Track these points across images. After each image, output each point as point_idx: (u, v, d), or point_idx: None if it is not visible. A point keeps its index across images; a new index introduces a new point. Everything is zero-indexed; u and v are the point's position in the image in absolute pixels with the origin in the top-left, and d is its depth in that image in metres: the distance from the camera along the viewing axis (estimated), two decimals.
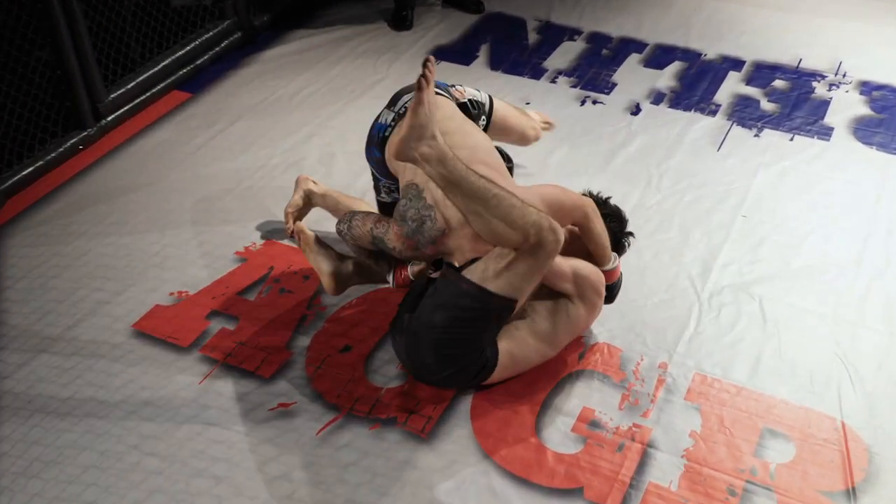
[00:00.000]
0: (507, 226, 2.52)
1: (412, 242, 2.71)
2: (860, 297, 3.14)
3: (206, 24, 4.63)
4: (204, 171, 3.83)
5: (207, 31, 4.61)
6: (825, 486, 2.51)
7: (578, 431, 2.66)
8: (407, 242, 2.72)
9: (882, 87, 4.37)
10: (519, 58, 4.69)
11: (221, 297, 3.15)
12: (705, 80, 4.47)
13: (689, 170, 3.81)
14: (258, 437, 2.65)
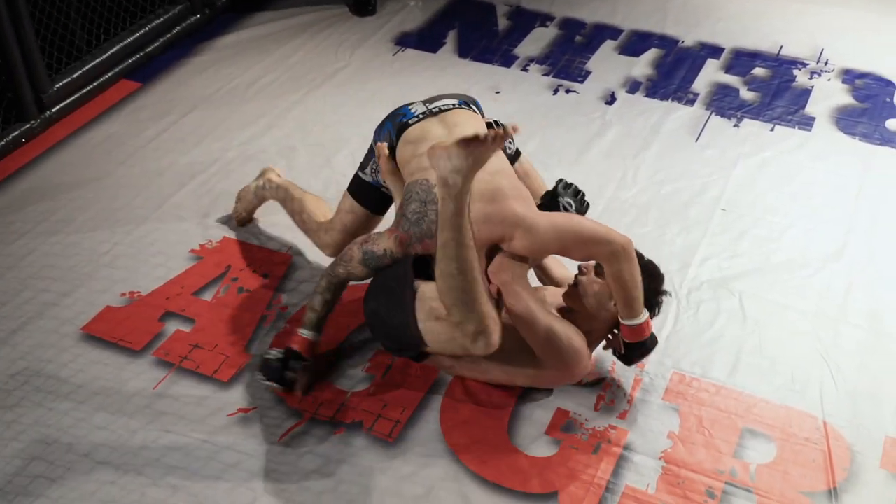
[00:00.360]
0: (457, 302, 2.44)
1: (406, 238, 2.72)
2: (842, 292, 3.23)
3: (156, 10, 4.63)
4: (155, 165, 3.84)
5: (158, 16, 4.61)
6: (807, 487, 2.58)
7: (552, 434, 2.72)
8: (405, 240, 2.72)
9: (865, 76, 4.48)
10: (489, 45, 4.74)
11: (176, 297, 3.16)
12: (683, 67, 4.55)
13: (666, 161, 3.88)
14: (217, 444, 2.67)
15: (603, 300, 2.65)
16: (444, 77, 4.43)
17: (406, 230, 2.72)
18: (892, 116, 4.19)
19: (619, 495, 2.55)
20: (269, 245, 3.40)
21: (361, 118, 4.09)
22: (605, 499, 2.54)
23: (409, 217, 2.73)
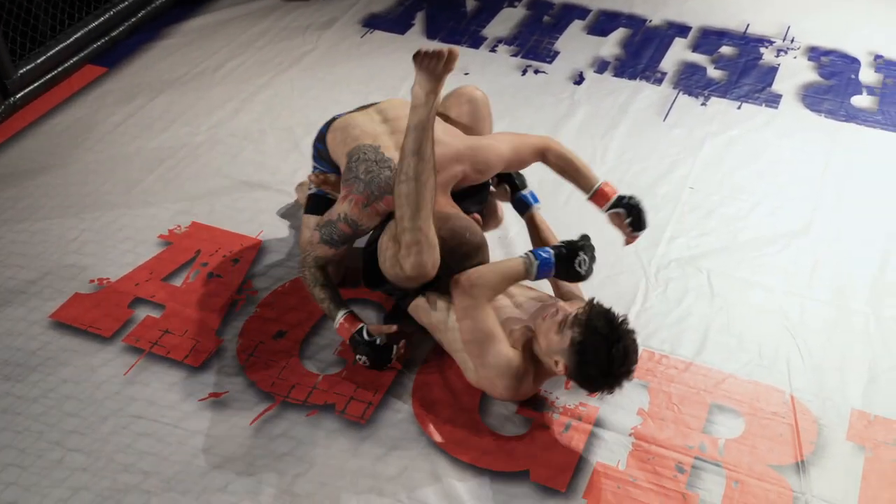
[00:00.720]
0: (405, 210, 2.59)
1: (365, 197, 2.75)
2: (808, 268, 3.26)
3: None
4: (123, 150, 3.81)
5: (123, 0, 4.56)
6: (774, 460, 2.62)
7: (524, 413, 2.74)
8: (361, 201, 2.76)
9: (830, 53, 4.51)
10: (457, 26, 4.74)
11: (145, 283, 3.15)
12: (650, 47, 4.57)
13: (634, 141, 3.90)
14: (188, 428, 2.67)
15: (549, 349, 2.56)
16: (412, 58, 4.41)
17: (361, 190, 2.77)
18: (857, 93, 4.23)
19: (590, 472, 2.58)
20: (239, 229, 3.39)
21: (329, 101, 4.09)
22: (576, 476, 2.57)
23: (361, 178, 2.78)
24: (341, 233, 2.83)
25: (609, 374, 2.48)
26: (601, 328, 2.47)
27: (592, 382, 2.53)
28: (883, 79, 4.33)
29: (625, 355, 2.48)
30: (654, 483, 2.55)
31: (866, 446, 2.66)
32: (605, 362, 2.46)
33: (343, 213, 2.80)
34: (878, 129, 3.99)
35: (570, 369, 2.53)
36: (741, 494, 2.53)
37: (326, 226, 2.85)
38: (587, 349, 2.46)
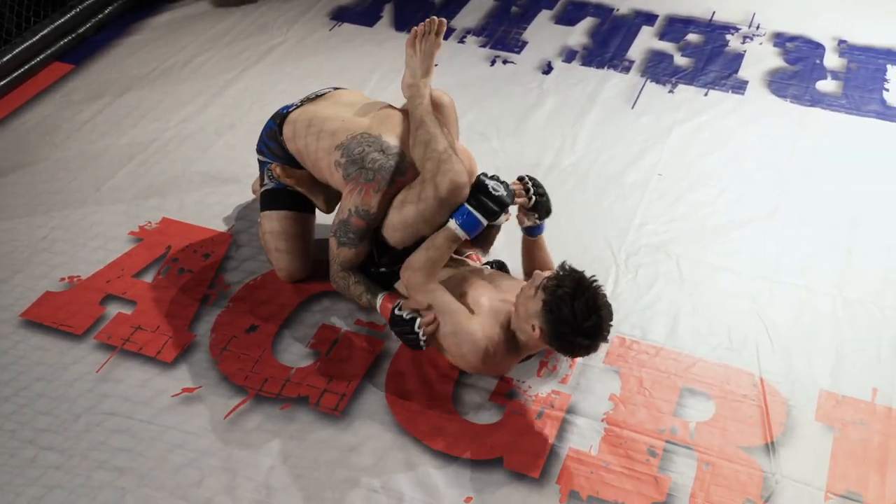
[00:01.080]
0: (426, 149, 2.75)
1: (372, 185, 2.77)
2: (776, 252, 3.30)
3: None
4: (91, 147, 3.79)
5: None
6: (745, 442, 2.65)
7: (497, 401, 2.75)
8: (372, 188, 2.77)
9: (795, 38, 4.55)
10: (425, 17, 4.68)
11: (117, 280, 3.14)
12: (618, 35, 4.59)
13: (603, 129, 3.92)
14: (162, 424, 2.67)
15: (527, 315, 2.59)
16: (381, 51, 4.42)
17: (371, 178, 2.77)
18: (822, 78, 4.27)
19: (564, 458, 2.60)
20: (210, 224, 3.38)
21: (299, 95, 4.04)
22: (549, 462, 2.59)
23: (369, 167, 2.78)
24: (356, 228, 2.81)
25: (579, 329, 2.50)
26: (567, 285, 2.52)
27: (566, 340, 2.54)
28: (847, 63, 4.37)
29: (589, 310, 2.49)
30: (627, 467, 2.58)
31: (835, 426, 2.70)
32: (572, 318, 2.49)
33: (354, 207, 2.80)
34: (842, 114, 4.03)
35: (546, 331, 2.55)
36: (712, 476, 2.56)
37: (340, 227, 2.84)
38: (556, 307, 2.50)
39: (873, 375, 2.84)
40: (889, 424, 2.70)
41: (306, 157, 2.98)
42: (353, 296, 2.91)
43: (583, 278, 2.55)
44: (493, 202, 2.71)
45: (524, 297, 2.62)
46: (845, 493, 2.52)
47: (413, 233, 2.78)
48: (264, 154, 3.11)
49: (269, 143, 3.08)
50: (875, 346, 2.94)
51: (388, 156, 2.80)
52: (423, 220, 2.75)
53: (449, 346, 2.69)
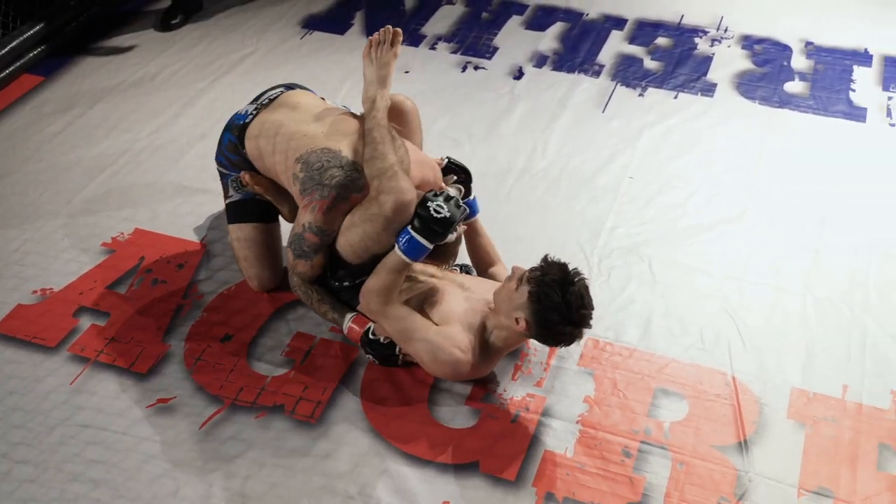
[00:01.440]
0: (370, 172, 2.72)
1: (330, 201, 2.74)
2: (746, 252, 3.33)
3: (57, 1, 4.53)
4: (62, 159, 3.78)
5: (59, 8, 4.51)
6: (718, 441, 2.67)
7: (472, 405, 2.76)
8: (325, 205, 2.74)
9: (763, 41, 4.60)
10: (396, 24, 4.63)
11: (90, 291, 3.13)
12: (588, 40, 4.62)
13: (574, 133, 3.94)
14: (137, 435, 2.66)
15: (509, 309, 2.62)
16: (352, 58, 4.42)
17: (326, 195, 2.74)
18: (790, 79, 4.31)
19: (539, 460, 2.61)
20: (182, 234, 3.37)
21: None
22: (525, 465, 2.60)
23: (325, 182, 2.75)
24: (310, 243, 2.79)
25: (569, 317, 2.55)
26: (555, 275, 2.56)
27: (554, 329, 2.57)
28: (814, 65, 4.42)
29: (580, 297, 2.56)
30: (602, 468, 2.59)
31: (806, 423, 2.73)
32: (562, 305, 2.53)
33: (307, 223, 2.77)
34: (810, 114, 4.08)
35: (532, 321, 2.57)
36: (686, 475, 2.58)
37: (295, 241, 2.82)
38: (544, 295, 2.54)
39: (843, 372, 2.88)
40: (859, 420, 2.73)
41: (270, 171, 2.96)
42: (318, 311, 2.91)
43: (567, 267, 2.60)
44: (436, 224, 2.64)
45: (505, 292, 2.65)
46: (817, 489, 2.55)
47: (363, 251, 2.75)
48: (225, 166, 3.09)
49: (231, 156, 3.04)
50: (844, 344, 2.97)
51: (347, 172, 2.75)
52: (371, 239, 2.72)
53: (428, 365, 2.69)
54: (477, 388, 2.81)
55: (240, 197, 3.08)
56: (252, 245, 3.06)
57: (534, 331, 2.60)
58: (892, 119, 4.05)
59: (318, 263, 2.84)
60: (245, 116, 3.01)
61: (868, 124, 4.03)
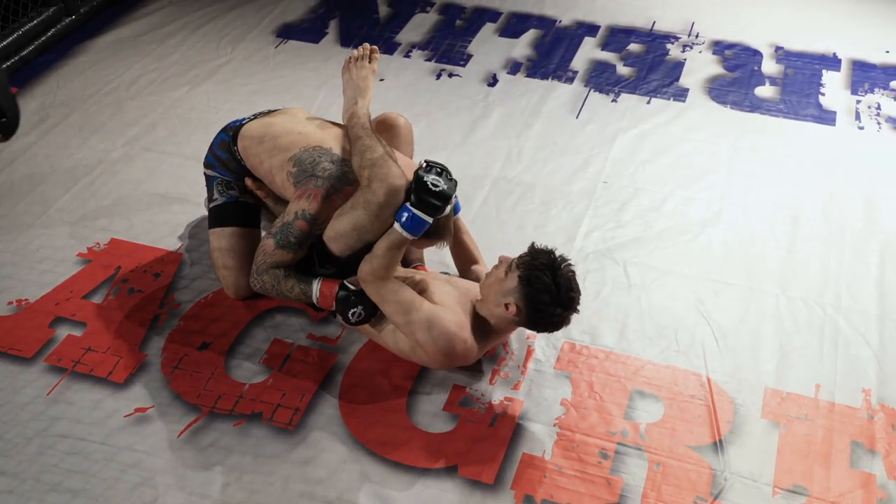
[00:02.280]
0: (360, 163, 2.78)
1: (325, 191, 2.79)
2: (720, 254, 3.36)
3: (29, 12, 4.52)
4: (37, 170, 3.76)
5: (32, 19, 4.49)
6: (694, 441, 2.70)
7: (450, 410, 2.77)
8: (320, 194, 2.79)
9: (733, 46, 4.65)
10: (370, 32, 4.77)
11: (66, 302, 3.12)
12: (561, 46, 4.65)
13: (548, 139, 3.97)
14: (115, 445, 2.66)
15: (499, 295, 2.69)
16: (327, 67, 4.44)
17: (320, 185, 2.79)
18: (761, 84, 4.36)
19: (517, 463, 2.63)
20: (159, 244, 3.36)
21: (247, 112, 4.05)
22: (503, 468, 2.61)
23: (319, 175, 2.80)
24: (299, 231, 2.81)
25: (558, 299, 2.63)
26: (544, 259, 2.66)
27: (545, 311, 2.64)
28: (784, 69, 4.48)
29: (569, 279, 2.66)
30: (579, 470, 2.61)
31: (780, 422, 2.76)
32: (552, 287, 2.62)
33: (301, 210, 2.80)
34: (780, 118, 4.13)
35: (522, 305, 2.65)
36: (663, 476, 2.60)
37: (282, 230, 2.83)
38: (535, 278, 2.62)
39: (816, 371, 2.91)
40: (832, 418, 2.76)
41: (260, 171, 3.00)
42: (283, 289, 2.86)
43: (555, 253, 2.69)
44: (434, 198, 2.70)
45: (493, 280, 2.72)
46: (792, 487, 2.58)
47: (353, 240, 2.78)
48: (214, 167, 3.12)
49: (221, 154, 3.09)
50: (817, 343, 3.01)
51: (338, 165, 2.83)
52: (361, 227, 2.75)
53: (423, 341, 2.69)
54: (455, 392, 2.82)
55: (223, 200, 3.09)
56: (231, 251, 3.06)
57: (524, 315, 2.66)
58: (861, 122, 4.11)
59: (300, 258, 2.87)
60: (242, 120, 3.12)
61: (837, 127, 4.08)
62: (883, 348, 3.00)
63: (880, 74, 4.45)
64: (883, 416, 2.78)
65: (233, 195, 3.09)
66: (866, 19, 4.93)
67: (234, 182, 3.12)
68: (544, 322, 2.70)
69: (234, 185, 3.12)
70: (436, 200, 2.70)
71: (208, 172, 3.15)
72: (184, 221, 3.45)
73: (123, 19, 4.85)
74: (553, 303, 2.63)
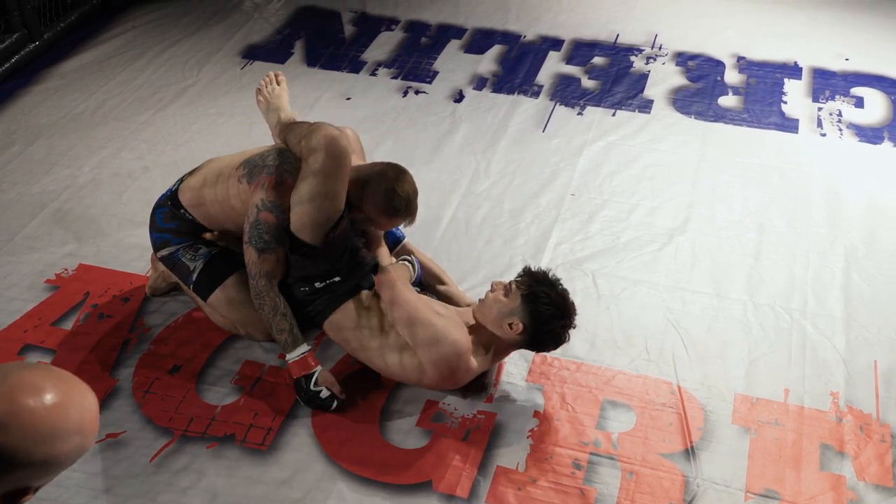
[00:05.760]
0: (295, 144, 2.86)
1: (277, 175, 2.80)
2: (688, 263, 3.40)
3: None
4: (3, 197, 3.74)
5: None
6: (666, 449, 2.72)
7: (423, 425, 2.78)
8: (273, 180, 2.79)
9: (696, 57, 4.71)
10: (336, 52, 4.79)
11: (35, 329, 3.10)
12: (526, 61, 4.70)
13: (515, 153, 4.00)
14: (87, 470, 2.64)
15: (501, 315, 2.74)
16: (293, 87, 4.40)
17: (272, 171, 2.81)
18: (724, 94, 4.43)
19: (492, 476, 2.64)
20: (127, 268, 3.36)
21: (214, 134, 4.10)
22: (477, 482, 2.62)
23: (269, 163, 2.83)
24: (267, 225, 2.77)
25: (564, 311, 2.75)
26: (542, 277, 2.79)
27: (550, 324, 2.73)
28: (746, 79, 4.54)
29: (566, 295, 2.79)
30: (553, 482, 2.63)
31: (751, 428, 2.79)
32: (558, 298, 2.74)
33: (260, 201, 2.77)
34: (744, 127, 4.19)
35: (528, 321, 2.72)
36: (636, 484, 2.62)
37: (252, 231, 2.79)
38: (541, 293, 2.72)
39: (784, 376, 2.95)
40: (801, 422, 2.80)
41: (213, 209, 2.94)
42: (274, 329, 2.84)
43: (549, 273, 2.82)
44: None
45: (491, 303, 2.79)
46: (764, 491, 2.61)
47: (319, 214, 2.75)
48: (169, 242, 3.02)
49: (170, 226, 3.00)
50: (785, 348, 3.04)
51: (284, 156, 2.86)
52: (320, 194, 2.73)
53: (425, 353, 2.72)
54: (428, 409, 2.83)
55: (203, 262, 2.98)
56: (238, 304, 2.96)
57: (529, 332, 2.73)
58: (823, 129, 4.17)
59: (282, 255, 2.82)
60: (171, 189, 3.07)
61: (800, 135, 4.14)
62: (850, 351, 3.04)
63: (840, 82, 4.53)
64: (851, 419, 2.81)
65: (205, 252, 3.00)
66: (826, 28, 5.02)
67: (195, 242, 3.02)
68: (549, 336, 2.77)
69: (198, 244, 3.02)
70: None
71: (165, 253, 3.03)
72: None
73: (87, 44, 4.84)
74: (558, 316, 2.73)
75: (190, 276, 2.99)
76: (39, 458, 1.39)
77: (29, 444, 1.36)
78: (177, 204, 2.99)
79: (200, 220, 2.98)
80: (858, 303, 3.24)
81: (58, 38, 4.82)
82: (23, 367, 1.45)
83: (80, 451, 1.46)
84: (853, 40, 4.89)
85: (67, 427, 1.41)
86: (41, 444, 1.38)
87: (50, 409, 1.38)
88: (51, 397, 1.39)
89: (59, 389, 1.41)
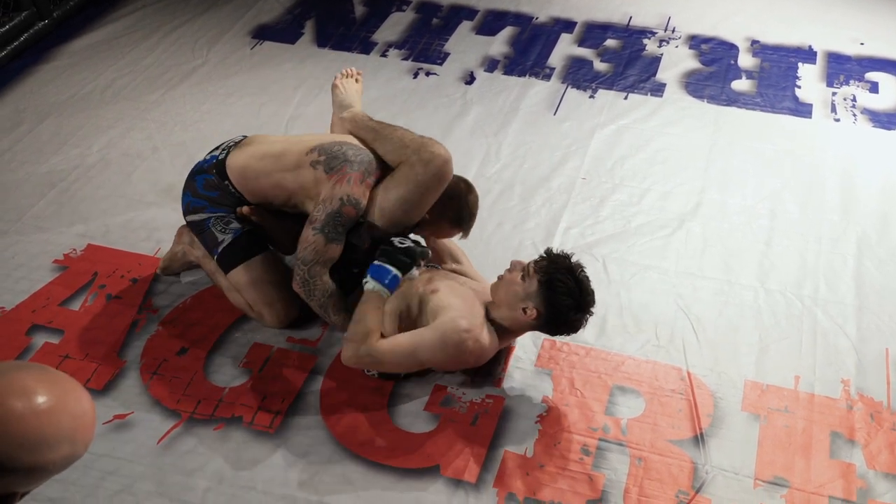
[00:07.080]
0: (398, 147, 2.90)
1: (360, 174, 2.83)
2: (699, 248, 3.38)
3: (1, 17, 4.49)
4: (11, 176, 3.74)
5: (3, 24, 4.47)
6: (675, 436, 2.71)
7: (431, 410, 2.77)
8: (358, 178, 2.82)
9: (710, 40, 4.67)
10: (347, 32, 4.76)
11: (42, 309, 3.10)
12: (538, 43, 4.66)
13: (526, 136, 3.98)
14: (94, 452, 2.63)
15: (516, 299, 2.70)
16: (303, 68, 4.43)
17: (356, 169, 2.82)
18: (737, 78, 4.38)
19: (499, 462, 2.63)
20: (136, 248, 3.35)
21: (224, 114, 4.08)
22: (485, 467, 2.61)
23: (353, 159, 2.84)
24: (346, 219, 2.80)
25: (581, 300, 2.68)
26: (564, 263, 2.71)
27: (567, 313, 2.68)
28: (760, 63, 4.50)
29: (587, 282, 2.72)
30: (562, 467, 2.62)
31: (760, 414, 2.77)
32: (575, 288, 2.67)
33: (346, 195, 2.79)
34: (757, 111, 4.15)
35: (543, 307, 2.67)
36: (645, 471, 2.61)
37: (329, 221, 2.78)
38: (557, 281, 2.66)
39: (795, 363, 2.93)
40: (811, 410, 2.78)
41: (265, 186, 2.91)
42: (327, 309, 2.86)
43: (571, 258, 2.74)
44: (402, 254, 2.80)
45: (507, 283, 2.74)
46: (773, 478, 2.59)
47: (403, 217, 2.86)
48: (204, 209, 2.98)
49: (210, 194, 2.96)
50: (796, 335, 3.02)
51: (364, 152, 2.89)
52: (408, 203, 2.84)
53: (442, 361, 2.73)
54: (436, 392, 2.82)
55: (232, 236, 2.96)
56: (270, 286, 2.97)
57: (544, 318, 2.69)
58: (837, 114, 4.13)
59: (341, 248, 2.87)
60: (211, 159, 3.00)
61: (814, 120, 4.10)
62: (861, 339, 3.02)
63: (855, 66, 4.48)
64: (862, 407, 2.80)
65: (236, 228, 2.97)
66: (841, 11, 4.97)
67: (228, 216, 2.99)
68: (564, 325, 2.73)
69: (230, 218, 2.98)
70: (404, 256, 2.80)
71: (196, 218, 3.01)
72: (160, 226, 3.43)
73: (97, 23, 4.82)
74: (575, 305, 2.68)
75: (217, 247, 2.98)
76: (25, 465, 1.33)
77: (14, 450, 1.31)
78: (223, 174, 2.94)
79: (245, 193, 2.95)
80: (870, 290, 3.21)
81: (67, 16, 4.80)
82: (18, 367, 1.40)
83: (71, 459, 1.40)
84: (868, 24, 4.84)
85: (58, 434, 1.35)
86: (28, 452, 1.32)
87: (40, 414, 1.33)
88: (42, 401, 1.33)
89: (53, 394, 1.35)
